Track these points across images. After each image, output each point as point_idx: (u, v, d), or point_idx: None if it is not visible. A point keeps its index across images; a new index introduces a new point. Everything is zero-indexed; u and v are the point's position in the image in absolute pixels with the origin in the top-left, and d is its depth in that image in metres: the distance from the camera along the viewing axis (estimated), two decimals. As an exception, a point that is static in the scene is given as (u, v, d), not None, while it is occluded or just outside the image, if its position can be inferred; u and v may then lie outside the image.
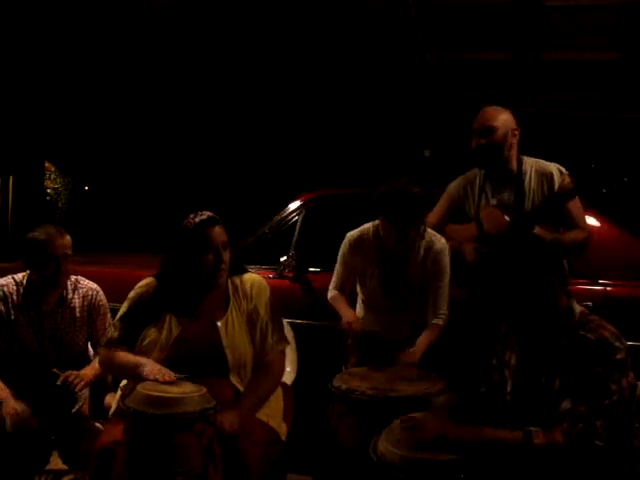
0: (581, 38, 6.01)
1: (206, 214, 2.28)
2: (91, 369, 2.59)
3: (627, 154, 8.10)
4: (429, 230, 2.71)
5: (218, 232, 2.26)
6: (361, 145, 9.11)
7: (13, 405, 2.40)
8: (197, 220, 2.25)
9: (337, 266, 2.80)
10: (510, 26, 5.94)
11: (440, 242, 2.69)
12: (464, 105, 8.20)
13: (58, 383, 2.48)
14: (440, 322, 2.62)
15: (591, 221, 3.04)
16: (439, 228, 2.83)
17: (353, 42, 6.82)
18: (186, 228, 2.25)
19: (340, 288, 2.79)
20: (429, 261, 2.66)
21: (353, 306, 2.82)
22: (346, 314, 2.66)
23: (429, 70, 7.42)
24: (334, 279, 2.81)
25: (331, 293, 2.79)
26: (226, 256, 2.27)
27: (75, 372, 2.53)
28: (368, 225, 2.74)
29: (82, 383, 2.51)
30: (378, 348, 2.67)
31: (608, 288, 3.03)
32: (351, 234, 2.76)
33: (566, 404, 1.68)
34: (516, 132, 2.74)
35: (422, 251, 2.66)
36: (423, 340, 2.57)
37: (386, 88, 8.15)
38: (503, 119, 2.72)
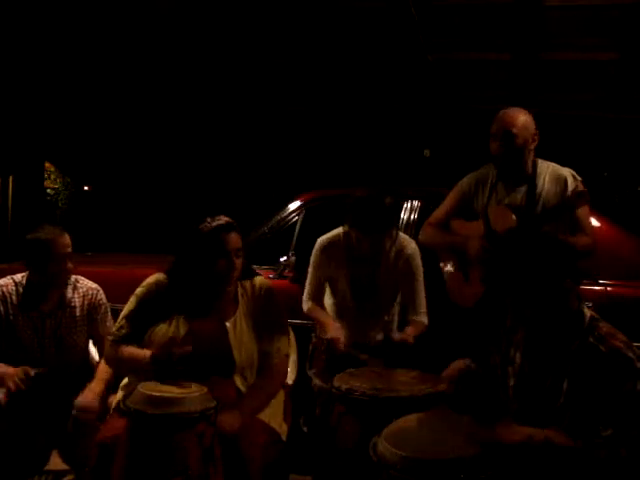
0: (581, 38, 6.02)
1: (223, 219, 2.27)
2: (97, 384, 2.55)
3: (627, 154, 8.10)
4: (401, 234, 2.74)
5: (233, 238, 2.26)
6: (361, 145, 9.10)
7: (12, 373, 2.40)
8: (214, 225, 2.25)
9: (310, 273, 2.80)
10: (510, 26, 5.95)
11: (411, 246, 2.72)
12: (464, 105, 8.22)
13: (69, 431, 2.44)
14: (424, 319, 2.66)
15: (592, 221, 3.03)
16: (445, 223, 2.83)
17: (353, 42, 6.82)
18: (202, 232, 2.24)
19: (314, 297, 2.78)
20: (400, 264, 2.68)
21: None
22: (332, 329, 2.61)
23: (429, 70, 7.42)
24: (307, 288, 2.80)
25: (307, 305, 2.78)
26: (238, 263, 2.27)
27: (82, 401, 2.47)
28: (338, 230, 2.74)
29: (94, 414, 2.45)
30: (347, 352, 2.65)
31: (608, 288, 3.03)
32: (321, 239, 2.77)
33: (604, 431, 1.65)
34: (535, 137, 2.68)
35: (393, 255, 2.68)
36: (411, 329, 2.58)
37: (386, 88, 8.14)
38: (524, 124, 2.65)
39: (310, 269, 2.80)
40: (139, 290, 2.34)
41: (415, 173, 8.33)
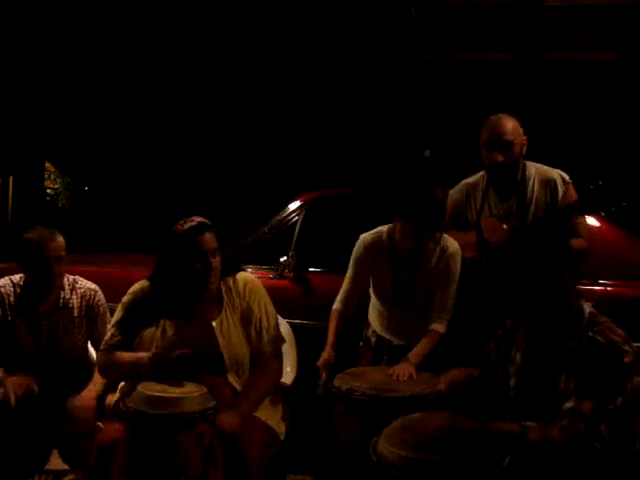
0: (581, 38, 6.02)
1: (196, 220, 2.26)
2: (94, 385, 2.56)
3: (627, 154, 8.10)
4: (445, 236, 2.66)
5: (208, 239, 2.24)
6: (361, 145, 9.10)
7: (13, 380, 2.41)
8: (186, 227, 2.24)
9: (348, 272, 2.72)
10: (510, 26, 5.95)
11: (453, 246, 2.63)
12: (464, 105, 8.23)
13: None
14: (440, 329, 2.56)
15: (591, 221, 3.04)
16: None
17: (353, 42, 6.82)
18: (175, 234, 2.25)
19: (346, 300, 2.70)
20: (441, 265, 2.61)
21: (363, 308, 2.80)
22: (325, 350, 2.58)
23: (429, 70, 7.43)
24: (342, 289, 2.72)
25: (334, 306, 2.71)
26: (216, 262, 2.26)
27: (77, 402, 2.47)
28: (383, 228, 2.68)
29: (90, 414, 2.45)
30: (391, 353, 2.65)
31: (608, 288, 3.03)
32: (364, 236, 2.70)
33: (569, 404, 1.68)
34: (525, 142, 2.68)
35: (435, 257, 2.61)
36: (419, 350, 2.50)
37: (386, 88, 8.14)
38: (516, 131, 2.63)
39: (350, 267, 2.71)
40: (125, 298, 2.35)
41: (415, 173, 8.33)
